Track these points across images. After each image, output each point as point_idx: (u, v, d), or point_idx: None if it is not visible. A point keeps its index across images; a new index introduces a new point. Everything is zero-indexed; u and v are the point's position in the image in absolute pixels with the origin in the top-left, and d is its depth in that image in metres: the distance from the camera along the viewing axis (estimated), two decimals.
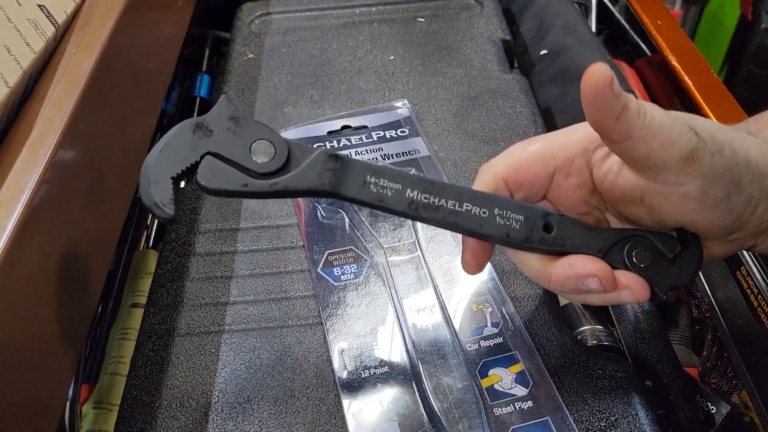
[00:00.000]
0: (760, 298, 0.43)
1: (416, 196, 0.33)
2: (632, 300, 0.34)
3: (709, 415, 0.43)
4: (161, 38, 0.60)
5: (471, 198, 0.34)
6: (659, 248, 0.34)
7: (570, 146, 0.34)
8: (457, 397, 0.38)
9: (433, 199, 0.33)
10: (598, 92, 0.29)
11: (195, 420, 0.39)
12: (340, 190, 0.33)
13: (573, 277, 0.33)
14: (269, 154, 0.32)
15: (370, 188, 0.33)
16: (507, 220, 0.34)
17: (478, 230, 0.34)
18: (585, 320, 0.48)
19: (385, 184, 0.33)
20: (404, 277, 0.45)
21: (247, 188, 0.32)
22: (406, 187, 0.33)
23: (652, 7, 0.68)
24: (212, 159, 0.32)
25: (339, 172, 0.32)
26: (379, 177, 0.33)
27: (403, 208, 0.33)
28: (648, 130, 0.29)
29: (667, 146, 0.29)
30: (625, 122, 0.29)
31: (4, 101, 0.38)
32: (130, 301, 0.55)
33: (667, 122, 0.29)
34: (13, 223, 0.33)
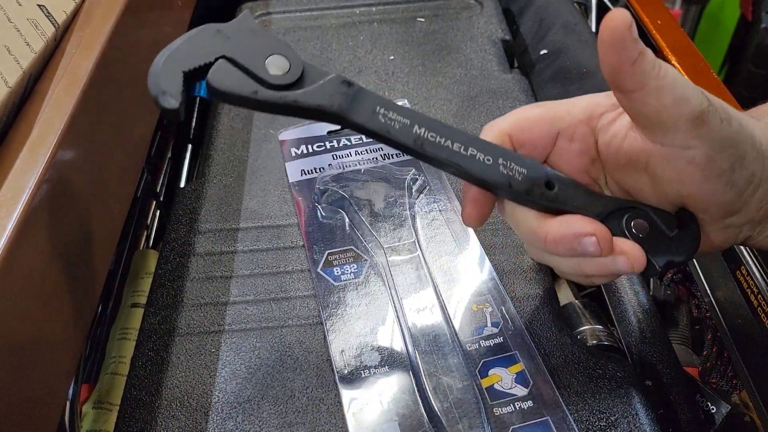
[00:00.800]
0: (760, 298, 0.43)
1: (423, 134, 0.33)
2: (627, 267, 0.33)
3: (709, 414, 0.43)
4: (161, 38, 0.60)
5: (477, 144, 0.34)
6: (658, 223, 0.33)
7: (576, 111, 0.34)
8: (457, 397, 0.38)
9: (439, 138, 0.33)
10: (617, 34, 0.29)
11: (195, 420, 0.39)
12: (348, 114, 0.32)
13: (570, 236, 0.32)
14: (284, 68, 0.32)
15: (379, 118, 0.33)
16: (510, 171, 0.33)
17: (480, 175, 0.33)
18: (585, 320, 0.48)
19: (394, 117, 0.33)
20: (404, 277, 0.45)
21: (256, 95, 0.31)
22: (415, 123, 0.33)
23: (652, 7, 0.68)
24: (226, 62, 0.32)
25: (351, 98, 0.32)
26: (389, 110, 0.33)
27: (409, 143, 0.33)
28: (662, 82, 0.29)
29: (679, 103, 0.29)
30: (640, 69, 0.29)
31: (4, 101, 0.38)
32: (130, 301, 0.55)
33: (681, 80, 0.29)
34: (13, 223, 0.33)
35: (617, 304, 0.46)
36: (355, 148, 0.55)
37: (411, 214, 0.49)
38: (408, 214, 0.49)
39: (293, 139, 0.57)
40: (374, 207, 0.49)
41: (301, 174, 0.53)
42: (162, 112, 0.31)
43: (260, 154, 0.56)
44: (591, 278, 0.35)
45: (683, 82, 0.29)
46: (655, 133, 0.31)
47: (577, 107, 0.35)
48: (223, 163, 0.56)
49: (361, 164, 0.53)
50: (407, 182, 0.51)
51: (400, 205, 0.50)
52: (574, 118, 0.34)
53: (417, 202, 0.50)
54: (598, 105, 0.34)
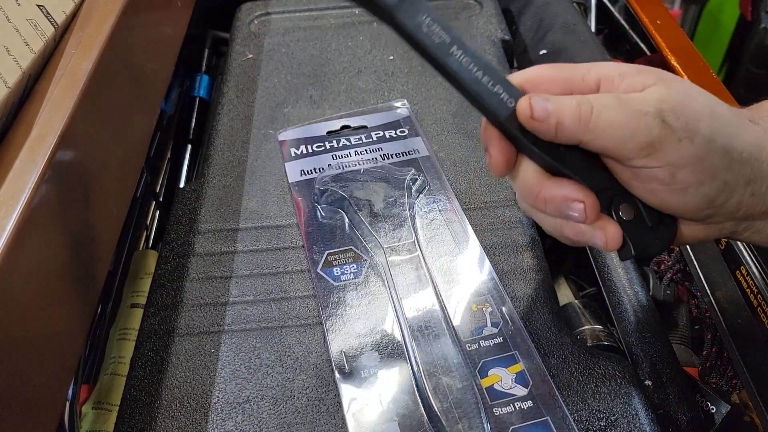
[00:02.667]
0: (760, 297, 0.43)
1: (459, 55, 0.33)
2: (602, 244, 0.34)
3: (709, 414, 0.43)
4: (160, 38, 0.60)
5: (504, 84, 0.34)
6: (642, 213, 0.34)
7: (588, 78, 0.35)
8: (457, 397, 0.38)
9: (472, 64, 0.33)
10: (527, 124, 0.32)
11: (195, 420, 0.39)
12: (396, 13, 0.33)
13: (560, 197, 0.34)
14: None
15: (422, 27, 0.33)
16: None
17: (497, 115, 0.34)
18: (585, 320, 0.48)
19: (437, 30, 0.33)
20: (404, 277, 0.45)
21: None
22: (454, 43, 0.33)
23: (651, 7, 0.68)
24: None
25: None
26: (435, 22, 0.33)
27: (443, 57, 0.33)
28: (595, 133, 0.31)
29: (621, 142, 0.31)
30: (567, 132, 0.32)
31: (4, 101, 0.38)
32: (130, 302, 0.55)
33: (618, 120, 0.31)
34: (12, 224, 0.33)
35: (617, 304, 0.46)
36: (355, 148, 0.55)
37: (410, 215, 0.49)
38: (407, 215, 0.49)
39: (293, 139, 0.57)
40: (374, 207, 0.49)
41: (301, 174, 0.53)
42: None
43: (260, 155, 0.56)
44: (567, 240, 0.36)
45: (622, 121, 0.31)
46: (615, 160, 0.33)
47: (591, 76, 0.35)
48: (222, 163, 0.55)
49: (360, 164, 0.53)
50: (407, 182, 0.51)
51: (400, 205, 0.50)
52: (585, 84, 0.35)
53: (416, 202, 0.50)
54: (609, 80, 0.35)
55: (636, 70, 0.34)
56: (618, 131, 0.31)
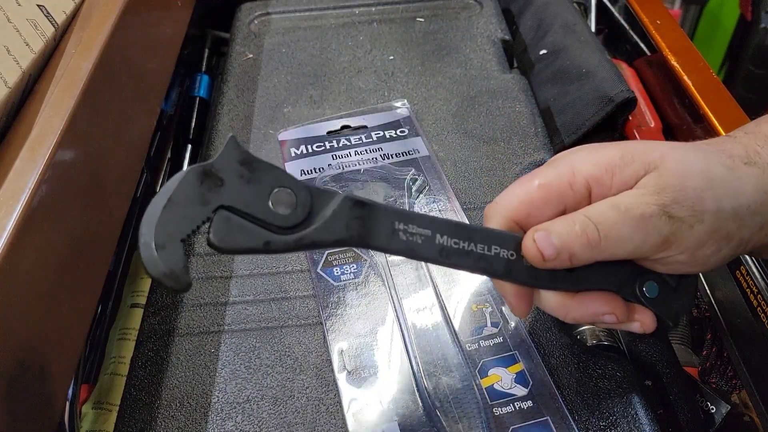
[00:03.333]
0: (760, 297, 0.43)
1: (446, 242, 0.32)
2: (640, 331, 0.35)
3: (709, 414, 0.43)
4: (160, 38, 0.60)
5: (498, 240, 0.33)
6: (666, 280, 0.35)
7: (577, 186, 0.33)
8: (457, 397, 0.38)
9: (462, 243, 0.32)
10: (542, 267, 0.32)
11: (195, 420, 0.39)
12: (369, 240, 0.31)
13: (589, 315, 0.35)
14: (291, 204, 0.29)
15: (400, 236, 0.31)
16: None
17: (508, 275, 0.34)
18: None
19: (414, 230, 0.32)
20: (404, 277, 0.45)
21: (269, 246, 0.28)
22: (436, 232, 0.32)
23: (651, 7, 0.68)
24: (227, 214, 0.27)
25: (366, 221, 0.31)
26: (408, 223, 0.31)
27: (434, 256, 0.32)
28: (609, 251, 0.31)
29: (635, 249, 0.31)
30: (582, 260, 0.32)
31: (4, 101, 0.38)
32: (130, 301, 0.55)
33: (628, 233, 0.31)
34: (12, 223, 0.33)
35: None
36: (355, 148, 0.55)
37: None
38: None
39: (293, 139, 0.57)
40: None
41: (301, 174, 0.53)
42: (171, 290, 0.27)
43: (260, 154, 0.55)
44: None
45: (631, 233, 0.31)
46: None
47: (578, 181, 0.33)
48: None
49: (360, 164, 0.53)
50: (407, 182, 0.51)
51: (400, 205, 0.49)
52: (577, 194, 0.34)
53: (417, 202, 0.50)
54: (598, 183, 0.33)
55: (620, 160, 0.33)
56: (629, 242, 0.31)
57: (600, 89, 0.54)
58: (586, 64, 0.58)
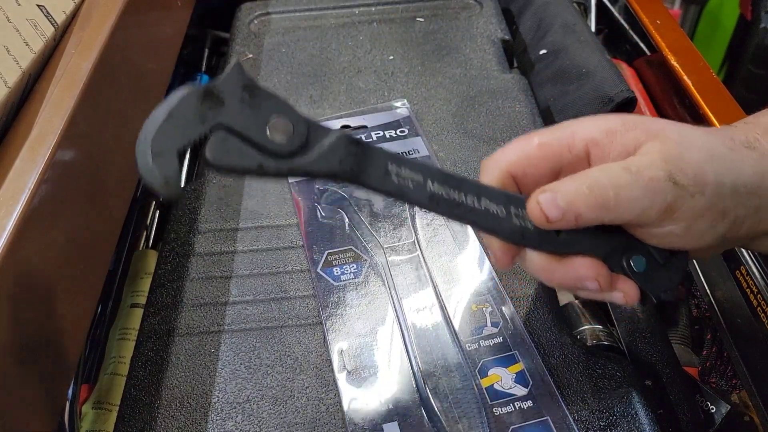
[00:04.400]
0: (760, 297, 0.43)
1: (437, 190, 0.32)
2: (623, 302, 0.35)
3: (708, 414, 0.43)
4: (160, 38, 0.60)
5: (489, 194, 0.34)
6: (654, 255, 0.35)
7: (575, 148, 0.34)
8: (457, 397, 0.38)
9: (453, 193, 0.33)
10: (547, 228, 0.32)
11: (194, 420, 0.39)
12: (361, 177, 0.31)
13: (573, 278, 0.34)
14: (287, 131, 0.29)
15: (392, 178, 0.32)
16: (522, 221, 0.34)
17: (495, 229, 0.34)
18: (585, 320, 0.48)
19: (407, 174, 0.32)
20: (404, 276, 0.45)
21: (262, 169, 0.29)
22: (427, 179, 0.32)
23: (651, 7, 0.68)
24: (224, 133, 0.28)
25: (360, 158, 0.31)
26: (401, 166, 0.32)
27: (425, 202, 0.32)
28: (616, 212, 0.31)
29: (641, 213, 0.31)
30: (588, 221, 0.32)
31: (4, 101, 0.38)
32: (130, 301, 0.55)
33: (636, 194, 0.31)
34: (12, 223, 0.33)
35: (617, 305, 0.46)
36: None
37: (410, 214, 0.49)
38: (407, 214, 0.49)
39: None
40: (374, 207, 0.49)
41: None
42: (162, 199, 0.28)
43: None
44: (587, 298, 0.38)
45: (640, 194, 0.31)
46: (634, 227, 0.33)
47: (577, 144, 0.34)
48: None
49: None
50: None
51: (400, 205, 0.49)
52: (573, 155, 0.34)
53: None
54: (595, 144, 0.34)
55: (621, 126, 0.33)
56: (638, 205, 0.31)
57: (600, 89, 0.54)
58: (586, 64, 0.58)
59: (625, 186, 0.31)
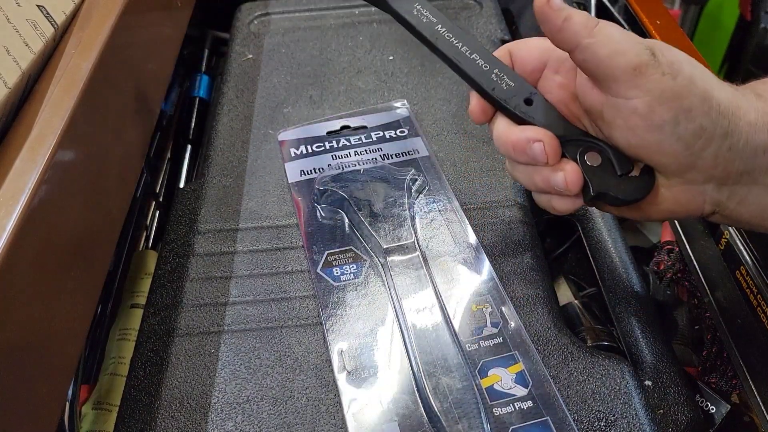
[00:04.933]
0: (760, 297, 0.43)
1: (442, 31, 0.40)
2: (563, 184, 0.36)
3: (709, 415, 0.43)
4: (160, 39, 0.60)
5: (482, 53, 0.40)
6: (611, 160, 0.36)
7: None
8: (457, 397, 0.38)
9: (453, 38, 0.40)
10: (540, 10, 0.34)
11: (194, 420, 0.39)
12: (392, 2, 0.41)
13: (524, 139, 0.37)
14: None
15: (413, 11, 0.41)
16: (499, 80, 0.39)
17: (472, 75, 0.39)
18: (585, 320, 0.48)
19: (426, 13, 0.41)
20: (404, 277, 0.45)
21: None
22: (440, 22, 0.41)
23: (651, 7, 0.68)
24: None
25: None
26: (425, 8, 0.41)
27: (427, 34, 0.40)
28: (595, 39, 0.33)
29: (614, 56, 0.33)
30: (569, 32, 0.34)
31: (3, 102, 0.38)
32: (130, 302, 0.55)
33: (617, 36, 0.33)
34: (12, 224, 0.33)
35: (617, 304, 0.46)
36: (355, 148, 0.55)
37: (410, 215, 0.49)
38: (407, 215, 0.49)
39: (292, 139, 0.57)
40: (374, 207, 0.49)
41: (301, 174, 0.53)
42: None
43: (259, 155, 0.56)
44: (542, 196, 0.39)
45: (620, 38, 0.33)
46: (600, 83, 0.35)
47: None
48: (222, 163, 0.56)
49: (360, 164, 0.53)
50: (407, 182, 0.51)
51: (400, 205, 0.49)
52: (561, 53, 0.37)
53: (416, 202, 0.50)
54: None
55: None
56: (614, 44, 0.33)
57: None
58: None
59: (609, 26, 0.34)
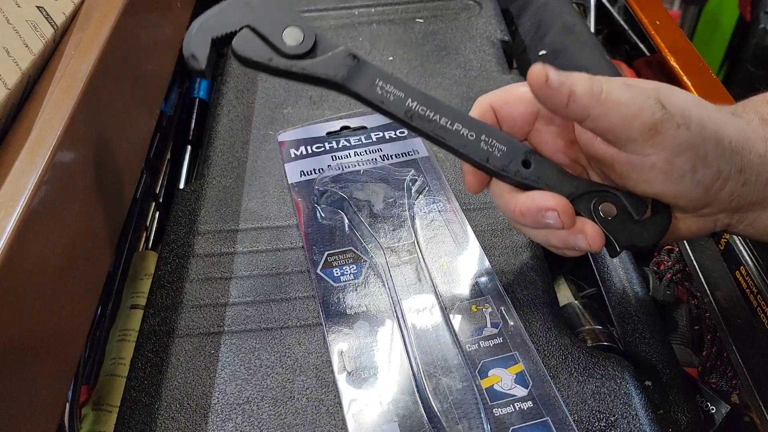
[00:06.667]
0: (760, 297, 0.43)
1: (414, 107, 0.36)
2: (585, 246, 0.35)
3: (709, 415, 0.43)
4: (160, 39, 0.60)
5: (463, 120, 0.36)
6: (627, 207, 0.35)
7: None
8: (457, 398, 0.38)
9: (429, 112, 0.36)
10: (539, 91, 0.32)
11: (194, 421, 0.39)
12: (348, 84, 0.36)
13: (534, 208, 0.35)
14: (298, 39, 0.36)
15: (376, 90, 0.36)
16: (490, 147, 0.36)
17: (461, 149, 0.36)
18: (585, 320, 0.48)
19: (390, 89, 0.36)
20: (404, 277, 0.45)
21: (271, 63, 0.36)
22: (408, 96, 0.36)
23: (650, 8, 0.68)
24: (249, 32, 0.36)
25: (354, 69, 0.36)
26: (387, 83, 0.36)
27: (400, 114, 0.36)
28: (605, 107, 0.31)
29: (628, 120, 0.31)
30: (577, 106, 0.32)
31: (3, 102, 0.38)
32: (130, 303, 0.55)
33: (626, 98, 0.31)
34: (12, 224, 0.33)
35: (617, 305, 0.46)
36: (355, 149, 0.55)
37: (410, 215, 0.49)
38: (407, 215, 0.49)
39: (292, 140, 0.57)
40: (373, 208, 0.49)
41: (301, 175, 0.53)
42: (191, 71, 0.36)
43: (259, 156, 0.56)
44: (560, 250, 0.37)
45: (629, 99, 0.31)
46: (614, 143, 0.33)
47: None
48: (222, 164, 0.56)
49: (360, 165, 0.53)
50: (406, 183, 0.51)
51: (400, 206, 0.50)
52: None
53: (416, 203, 0.50)
54: None
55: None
56: (625, 108, 0.31)
57: None
58: (586, 65, 0.58)
59: (619, 89, 0.32)
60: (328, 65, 0.36)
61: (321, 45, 0.36)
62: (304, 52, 0.36)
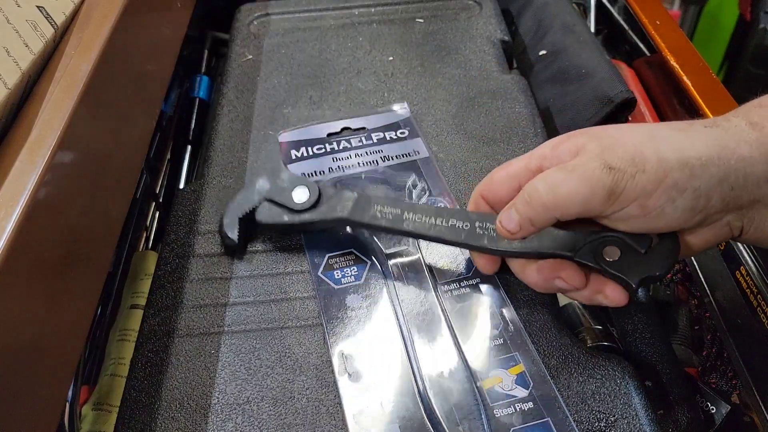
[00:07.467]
0: (760, 298, 0.43)
1: (411, 218, 0.41)
2: (608, 303, 0.37)
3: (709, 415, 0.43)
4: (160, 39, 0.60)
5: (456, 215, 0.41)
6: (630, 244, 0.36)
7: (530, 168, 0.38)
8: (458, 399, 0.38)
9: (424, 218, 0.41)
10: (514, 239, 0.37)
11: (194, 421, 0.39)
12: (357, 218, 0.43)
13: (542, 280, 0.38)
14: (305, 196, 0.45)
15: (377, 216, 0.42)
16: (486, 231, 0.40)
17: (458, 241, 0.40)
18: (585, 320, 0.48)
19: (388, 210, 0.42)
20: (405, 279, 0.45)
21: (285, 221, 0.45)
22: (404, 211, 0.42)
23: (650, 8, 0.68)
24: (268, 203, 0.46)
25: (356, 205, 0.43)
26: (383, 205, 0.42)
27: (400, 228, 0.41)
28: (562, 206, 0.34)
29: (586, 203, 0.34)
30: (543, 220, 0.35)
31: (3, 102, 0.38)
32: (130, 303, 0.55)
33: (574, 187, 0.33)
34: (12, 225, 0.33)
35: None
36: (355, 150, 0.55)
37: None
38: None
39: (293, 141, 0.57)
40: None
41: None
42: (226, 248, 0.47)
43: (259, 156, 0.56)
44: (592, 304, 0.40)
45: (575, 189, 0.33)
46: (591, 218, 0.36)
47: (532, 162, 0.38)
48: (222, 164, 0.55)
49: (361, 166, 0.53)
50: (408, 186, 0.51)
51: None
52: (529, 171, 0.38)
53: None
54: (544, 158, 0.38)
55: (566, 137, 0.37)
56: (578, 197, 0.33)
57: (599, 90, 0.54)
58: (586, 65, 0.58)
59: (561, 183, 0.34)
60: (333, 208, 0.44)
61: (325, 193, 0.45)
62: (311, 205, 0.44)
